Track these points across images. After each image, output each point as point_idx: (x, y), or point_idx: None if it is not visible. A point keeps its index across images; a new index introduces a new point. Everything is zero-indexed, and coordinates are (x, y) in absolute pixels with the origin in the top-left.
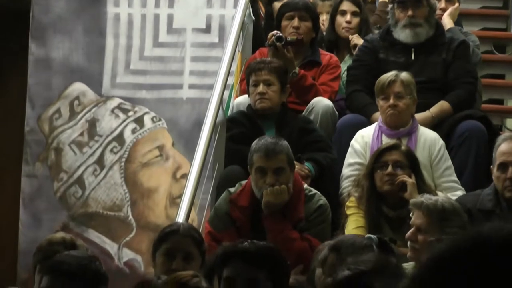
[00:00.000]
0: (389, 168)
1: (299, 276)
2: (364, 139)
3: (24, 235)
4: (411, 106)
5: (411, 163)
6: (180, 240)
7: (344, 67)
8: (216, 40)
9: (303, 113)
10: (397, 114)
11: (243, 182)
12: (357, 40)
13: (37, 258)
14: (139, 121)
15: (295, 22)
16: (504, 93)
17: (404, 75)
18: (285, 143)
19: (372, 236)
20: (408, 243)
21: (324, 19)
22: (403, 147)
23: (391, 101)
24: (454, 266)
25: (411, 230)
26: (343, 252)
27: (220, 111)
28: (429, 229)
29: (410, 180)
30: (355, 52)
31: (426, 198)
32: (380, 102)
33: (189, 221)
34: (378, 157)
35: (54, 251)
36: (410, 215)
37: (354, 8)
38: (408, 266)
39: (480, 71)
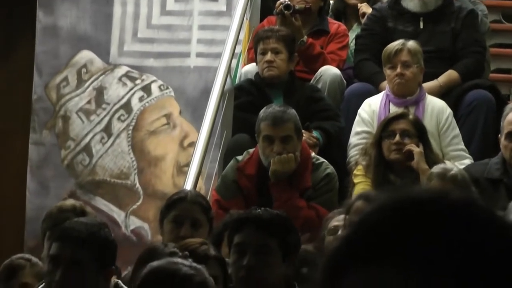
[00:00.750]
0: (397, 137)
1: (306, 244)
2: (372, 108)
3: (31, 203)
4: (418, 75)
5: (419, 132)
6: (188, 207)
7: (352, 36)
8: (224, 8)
9: (311, 81)
10: (404, 83)
11: (251, 150)
12: (365, 8)
13: (46, 225)
14: (147, 89)
15: None
16: None
17: (411, 43)
18: (292, 111)
19: None
20: None
21: None
22: (410, 116)
23: (398, 70)
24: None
25: None
26: (371, 200)
27: (228, 80)
28: None
29: (417, 149)
30: (363, 20)
31: (447, 168)
32: (387, 71)
33: (197, 189)
34: (386, 126)
35: (64, 218)
36: (423, 184)
37: None
38: None
39: (488, 40)
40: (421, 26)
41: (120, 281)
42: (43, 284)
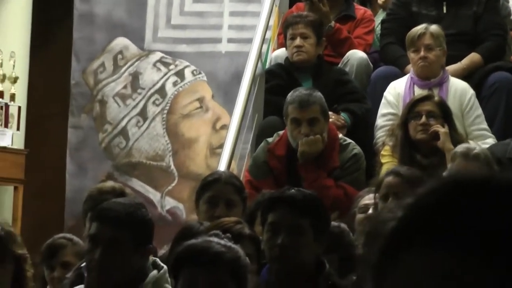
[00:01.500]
0: (423, 118)
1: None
2: (397, 90)
3: (70, 184)
4: (441, 57)
5: (444, 113)
6: (222, 188)
7: (377, 20)
8: None
9: (339, 65)
10: (427, 65)
11: (281, 132)
12: None
13: (87, 206)
14: (180, 74)
15: None
16: None
17: (434, 27)
18: (318, 94)
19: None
20: None
21: None
22: (436, 98)
23: (422, 53)
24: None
25: None
26: (403, 175)
27: (259, 64)
28: None
29: (443, 130)
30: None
31: (470, 147)
32: (411, 55)
33: (230, 170)
34: (412, 108)
35: (104, 200)
36: (447, 163)
37: None
38: None
39: (510, 24)
40: (444, 10)
41: (157, 259)
42: (84, 263)
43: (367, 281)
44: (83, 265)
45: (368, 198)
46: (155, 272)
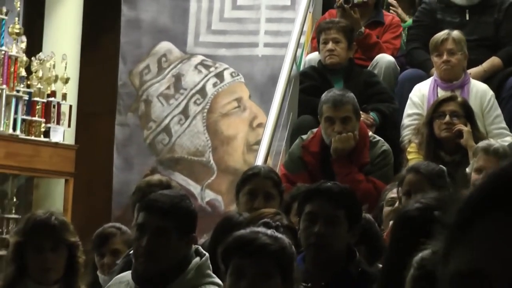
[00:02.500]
0: (447, 118)
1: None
2: (421, 92)
3: (117, 177)
4: (462, 61)
5: (466, 113)
6: (261, 181)
7: (404, 26)
8: (288, 3)
9: (368, 67)
10: (450, 68)
11: (314, 130)
12: None
13: (136, 197)
14: (220, 76)
15: None
16: None
17: (455, 33)
18: (351, 94)
19: (443, 167)
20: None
21: None
22: (459, 99)
23: (444, 57)
24: None
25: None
26: (422, 172)
27: (294, 67)
28: None
29: (466, 128)
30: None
31: (490, 143)
32: (435, 59)
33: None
34: (437, 108)
35: (151, 192)
36: (470, 159)
37: None
38: None
39: None
40: (467, 18)
41: (200, 247)
42: (132, 250)
43: (440, 243)
44: (131, 252)
45: (394, 192)
46: (197, 259)
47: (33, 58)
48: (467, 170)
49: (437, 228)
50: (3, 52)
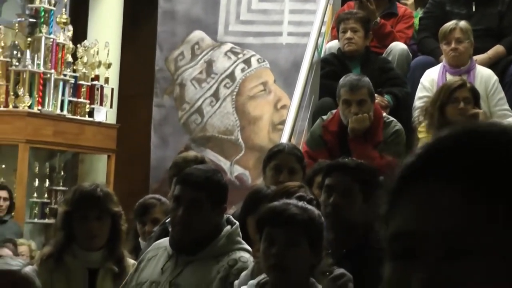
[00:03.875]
0: (461, 104)
1: None
2: (431, 77)
3: (154, 154)
4: (469, 48)
5: (475, 98)
6: (286, 157)
7: (416, 17)
8: None
9: (383, 55)
10: (457, 55)
11: (334, 111)
12: None
13: (173, 171)
14: (247, 62)
15: None
16: None
17: (462, 23)
18: (366, 79)
19: None
20: None
21: None
22: (468, 85)
23: (453, 45)
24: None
25: None
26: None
27: (315, 54)
28: None
29: (481, 111)
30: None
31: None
32: (443, 47)
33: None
34: (451, 94)
35: (187, 167)
36: None
37: None
38: None
39: None
40: (473, 9)
41: (231, 216)
42: (169, 219)
43: (383, 206)
44: (167, 221)
45: None
46: (228, 227)
47: (78, 45)
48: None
49: (380, 194)
50: (51, 39)
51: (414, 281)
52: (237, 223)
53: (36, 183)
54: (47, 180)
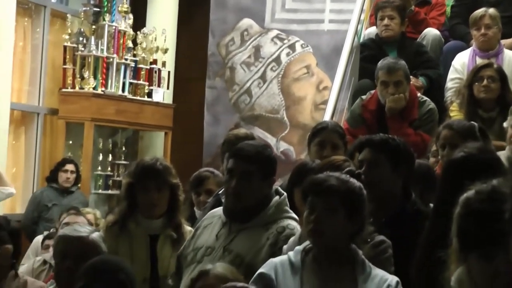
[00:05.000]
0: (485, 81)
1: None
2: (462, 60)
3: (207, 131)
4: (497, 33)
5: (501, 77)
6: (329, 134)
7: (448, 4)
8: None
9: (418, 40)
10: (487, 40)
11: (372, 92)
12: None
13: (225, 147)
14: (292, 47)
15: None
16: None
17: (491, 10)
18: (402, 62)
19: (474, 122)
20: (511, 140)
21: None
22: (495, 65)
23: (482, 30)
24: None
25: None
26: (455, 128)
27: (355, 39)
28: None
29: None
30: None
31: None
32: (474, 32)
33: None
34: (476, 73)
35: (238, 143)
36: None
37: None
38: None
39: None
40: None
41: (279, 187)
42: (222, 190)
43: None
44: (220, 192)
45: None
46: (277, 197)
47: (138, 32)
48: (504, 125)
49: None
50: (113, 27)
51: None
52: (285, 193)
53: (100, 157)
54: (110, 155)
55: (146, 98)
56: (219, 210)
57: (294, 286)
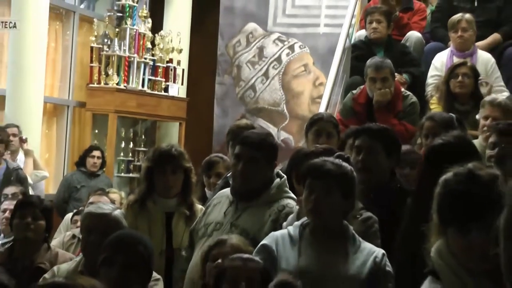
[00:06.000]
0: (459, 78)
1: None
2: (441, 59)
3: (217, 122)
4: (472, 36)
5: (474, 75)
6: (324, 124)
7: (428, 11)
8: None
9: (402, 41)
10: (463, 42)
11: (362, 87)
12: None
13: (230, 136)
14: (291, 48)
15: None
16: None
17: (467, 15)
18: (388, 61)
19: (452, 114)
20: (483, 130)
21: None
22: (469, 64)
23: (459, 33)
24: None
25: (488, 122)
26: (436, 120)
27: (347, 41)
28: (499, 118)
29: (486, 88)
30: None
31: (495, 97)
32: (452, 34)
33: None
34: (453, 70)
35: (240, 132)
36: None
37: None
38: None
39: None
40: (476, 4)
41: (280, 171)
42: (230, 173)
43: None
44: (229, 175)
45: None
46: (278, 179)
47: (156, 35)
48: (477, 117)
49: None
50: (134, 30)
51: None
52: (285, 176)
53: (123, 144)
54: (131, 143)
55: (163, 93)
56: (227, 190)
57: (293, 256)
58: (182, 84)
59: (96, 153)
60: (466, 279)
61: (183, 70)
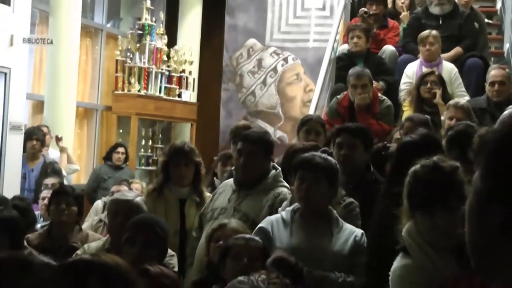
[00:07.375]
0: (428, 85)
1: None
2: (412, 69)
3: (222, 123)
4: (438, 49)
5: (441, 82)
6: (313, 123)
7: (401, 28)
8: (329, 14)
9: (379, 54)
10: (430, 54)
11: (345, 92)
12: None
13: (231, 136)
14: (285, 59)
15: (374, 6)
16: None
17: (434, 32)
18: (367, 70)
19: (428, 116)
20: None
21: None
22: (436, 73)
23: (427, 47)
24: None
25: (452, 122)
26: (415, 121)
27: (332, 53)
28: (462, 119)
29: (438, 91)
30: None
31: (458, 101)
32: (421, 48)
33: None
34: (423, 78)
35: (240, 132)
36: (441, 112)
37: None
38: None
39: (484, 31)
40: (441, 22)
41: (275, 164)
42: (233, 167)
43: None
44: (232, 168)
45: (398, 134)
46: (274, 171)
47: (171, 49)
48: (442, 118)
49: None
50: (153, 45)
51: None
52: (279, 168)
53: (143, 142)
54: (150, 140)
55: (177, 98)
56: (230, 180)
57: (286, 236)
58: (193, 90)
59: (121, 149)
60: (432, 255)
61: (194, 79)
